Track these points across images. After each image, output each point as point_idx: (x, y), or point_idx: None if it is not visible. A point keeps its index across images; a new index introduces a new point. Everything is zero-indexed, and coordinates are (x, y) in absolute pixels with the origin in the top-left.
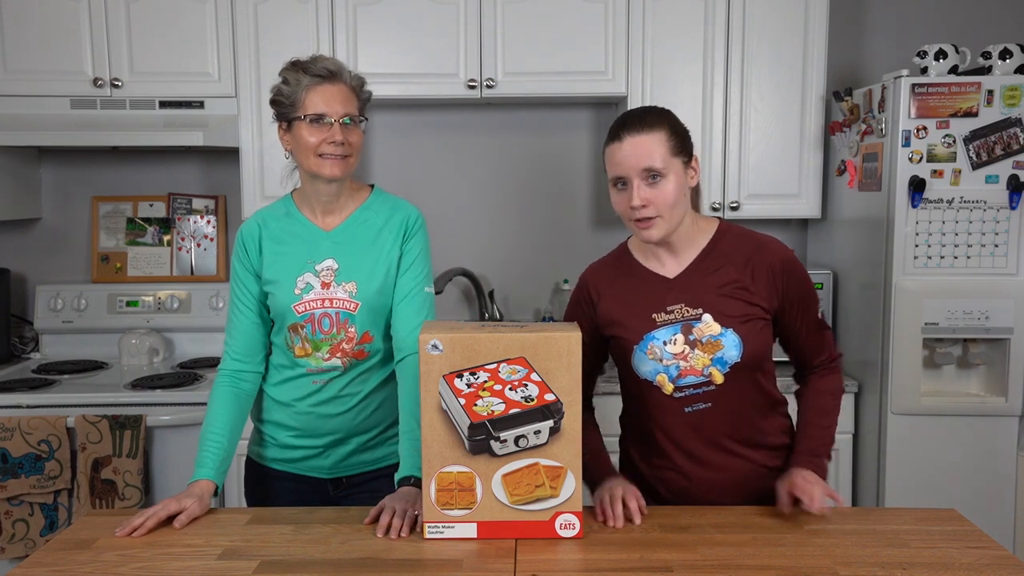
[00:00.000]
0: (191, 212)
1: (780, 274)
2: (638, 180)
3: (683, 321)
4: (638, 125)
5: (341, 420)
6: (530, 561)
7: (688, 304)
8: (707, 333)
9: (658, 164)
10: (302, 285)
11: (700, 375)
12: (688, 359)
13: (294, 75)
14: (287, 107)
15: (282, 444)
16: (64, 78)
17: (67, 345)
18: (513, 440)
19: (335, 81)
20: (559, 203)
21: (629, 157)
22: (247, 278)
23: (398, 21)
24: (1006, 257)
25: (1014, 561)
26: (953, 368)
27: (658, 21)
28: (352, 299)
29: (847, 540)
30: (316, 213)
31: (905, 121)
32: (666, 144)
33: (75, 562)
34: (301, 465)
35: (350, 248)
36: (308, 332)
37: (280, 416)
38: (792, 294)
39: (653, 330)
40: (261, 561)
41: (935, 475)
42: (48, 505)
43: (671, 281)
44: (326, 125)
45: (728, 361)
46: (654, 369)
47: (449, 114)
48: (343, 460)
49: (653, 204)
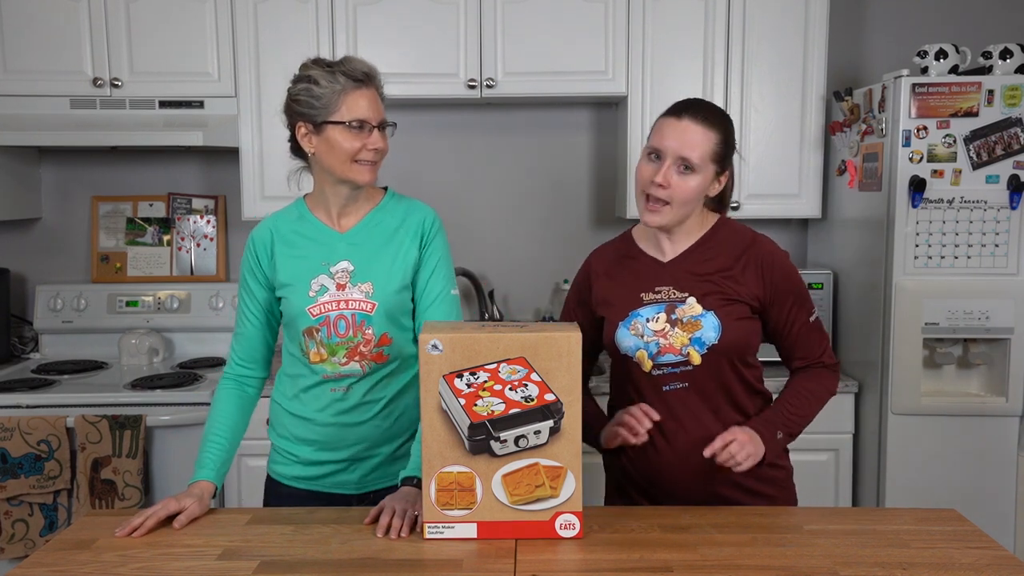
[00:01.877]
0: (191, 212)
1: (770, 268)
2: (671, 161)
3: (668, 302)
4: (702, 114)
5: (366, 428)
6: (530, 561)
7: (676, 287)
8: (688, 314)
9: (695, 159)
10: (316, 287)
11: (679, 354)
12: (668, 337)
13: (328, 76)
14: (318, 109)
15: (304, 461)
16: (64, 78)
17: (67, 345)
18: (513, 440)
19: (370, 85)
20: (559, 203)
21: (676, 136)
22: (254, 285)
23: (398, 21)
24: (1006, 257)
25: (1014, 561)
26: (953, 368)
27: (658, 21)
28: (368, 299)
29: (847, 540)
30: (332, 215)
31: (905, 121)
32: (713, 146)
33: (75, 562)
34: (326, 482)
35: (366, 249)
36: (323, 336)
37: (300, 431)
38: (782, 288)
39: (639, 308)
40: (261, 561)
41: (935, 475)
42: (48, 505)
43: (664, 265)
44: (365, 131)
45: (706, 342)
46: (635, 345)
47: (449, 114)
48: (370, 473)
49: (671, 190)
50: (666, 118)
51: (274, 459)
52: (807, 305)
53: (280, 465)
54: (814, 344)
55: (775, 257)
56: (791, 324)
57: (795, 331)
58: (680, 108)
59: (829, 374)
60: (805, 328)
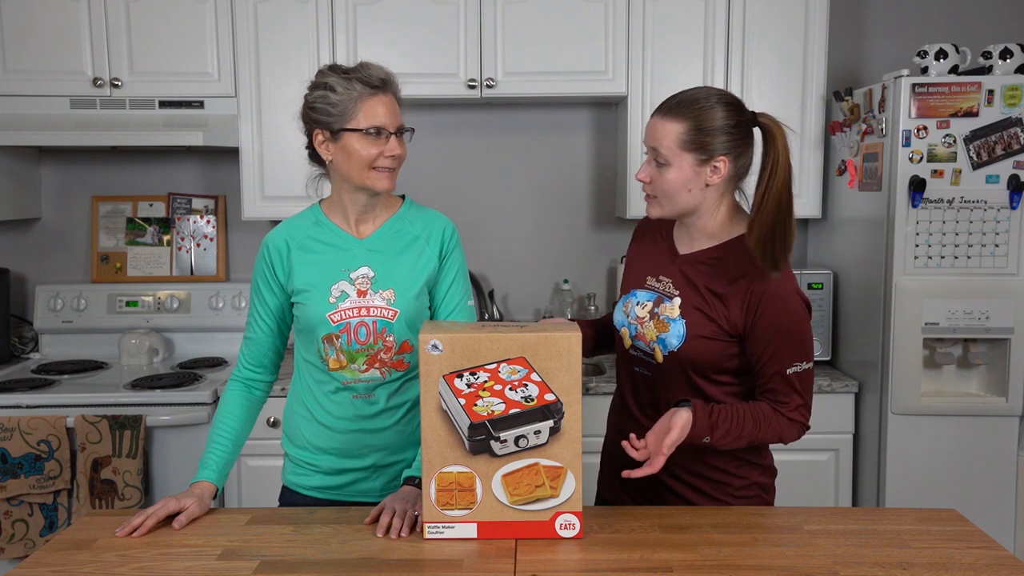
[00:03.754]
0: (191, 212)
1: (756, 306)
2: (649, 157)
3: (660, 294)
4: (665, 109)
5: (389, 435)
6: (530, 561)
7: (674, 284)
8: (665, 313)
9: (662, 151)
10: (337, 293)
11: (648, 345)
12: (644, 326)
13: (345, 83)
14: (335, 116)
15: (326, 470)
16: (64, 78)
17: (67, 345)
18: (513, 440)
19: (387, 91)
20: (559, 203)
21: (649, 133)
22: (267, 291)
23: (398, 21)
24: (1006, 257)
25: (1014, 561)
26: (953, 368)
27: (658, 21)
28: (390, 307)
29: (847, 540)
30: (349, 222)
31: (905, 121)
32: (680, 136)
33: (75, 562)
34: (348, 491)
35: (386, 255)
36: (343, 343)
37: (320, 440)
38: (765, 333)
39: (639, 288)
40: (261, 561)
41: (935, 475)
42: (48, 505)
43: (677, 257)
44: (383, 138)
45: (668, 345)
46: (620, 321)
47: (449, 114)
48: (394, 480)
49: (651, 184)
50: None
51: (291, 470)
52: (794, 357)
53: (298, 476)
54: (781, 394)
55: (773, 301)
56: (763, 366)
57: (767, 374)
58: (657, 108)
59: (787, 423)
60: (779, 377)
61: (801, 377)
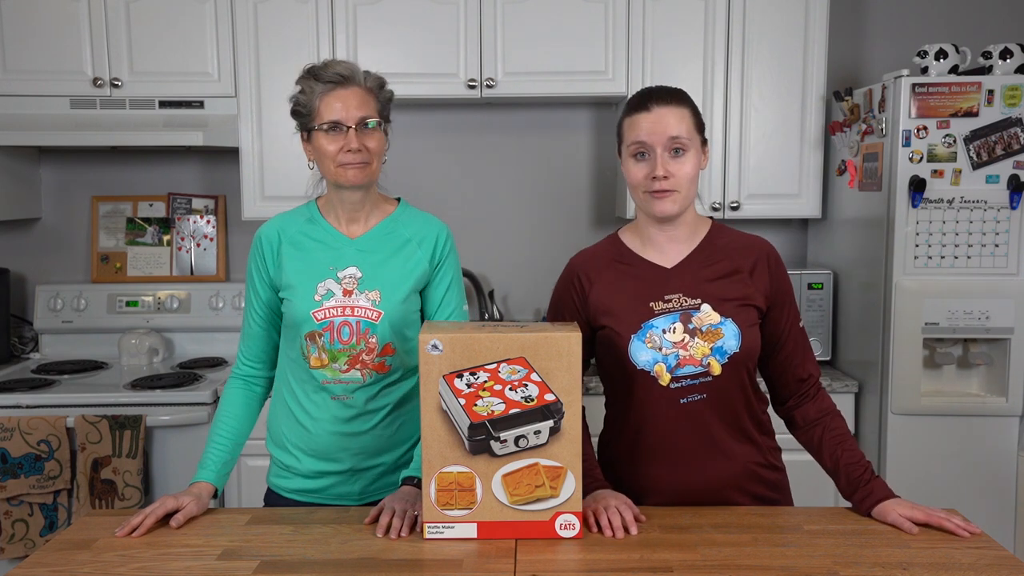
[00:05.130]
0: (191, 212)
1: (776, 266)
2: (662, 150)
3: (682, 310)
4: (667, 97)
5: (368, 438)
6: (530, 561)
7: (686, 294)
8: (707, 322)
9: (684, 135)
10: (323, 291)
11: (699, 365)
12: (688, 348)
13: (308, 83)
14: (305, 117)
15: (304, 473)
16: (64, 78)
17: (67, 345)
18: (513, 440)
19: (348, 85)
20: (559, 203)
21: (657, 125)
22: (260, 284)
23: (398, 21)
24: (1006, 257)
25: (1014, 561)
26: (953, 368)
27: (658, 21)
28: (375, 308)
29: (847, 540)
30: (341, 221)
31: (905, 121)
32: (691, 119)
33: (75, 562)
34: (327, 494)
35: (375, 257)
36: (325, 341)
37: (300, 440)
38: (784, 287)
39: (651, 319)
40: (261, 561)
41: (935, 475)
42: (48, 505)
43: (669, 271)
44: (342, 132)
45: (727, 351)
46: (653, 359)
47: (449, 114)
48: (372, 484)
49: (674, 177)
50: (637, 115)
51: (274, 472)
52: (796, 309)
53: (280, 479)
54: (811, 354)
55: (776, 257)
56: (790, 330)
57: (793, 337)
58: (644, 100)
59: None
60: (802, 334)
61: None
